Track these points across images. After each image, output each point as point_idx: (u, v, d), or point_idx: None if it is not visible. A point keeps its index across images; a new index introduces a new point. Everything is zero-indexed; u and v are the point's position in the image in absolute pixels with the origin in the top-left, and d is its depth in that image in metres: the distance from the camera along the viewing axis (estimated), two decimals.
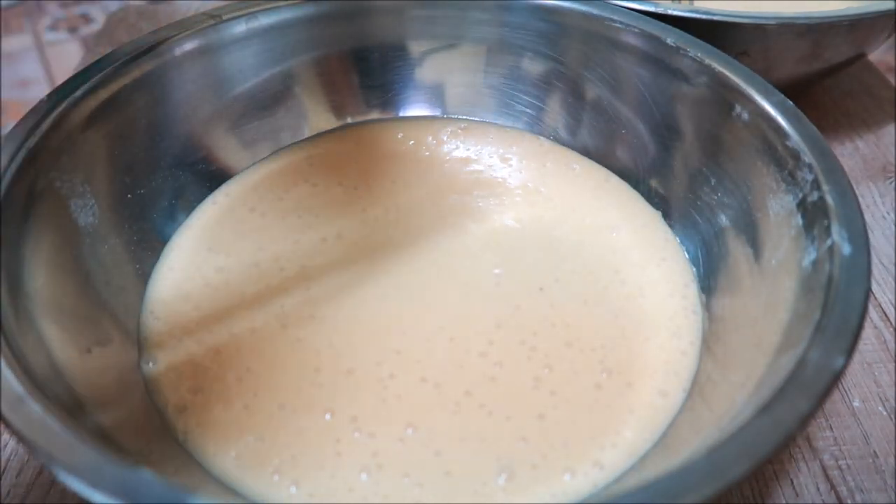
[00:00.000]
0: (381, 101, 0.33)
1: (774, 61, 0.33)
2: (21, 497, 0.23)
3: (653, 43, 0.28)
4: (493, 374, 0.24)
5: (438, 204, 0.30)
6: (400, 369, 0.24)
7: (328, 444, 0.22)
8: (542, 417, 0.23)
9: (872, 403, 0.26)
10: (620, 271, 0.27)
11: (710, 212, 0.27)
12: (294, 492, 0.21)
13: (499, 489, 0.21)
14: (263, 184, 0.30)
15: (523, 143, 0.32)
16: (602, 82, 0.30)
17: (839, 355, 0.17)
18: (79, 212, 0.24)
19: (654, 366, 0.24)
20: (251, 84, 0.30)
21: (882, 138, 0.38)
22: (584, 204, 0.30)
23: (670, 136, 0.29)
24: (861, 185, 0.35)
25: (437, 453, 0.22)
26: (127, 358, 0.24)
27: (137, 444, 0.20)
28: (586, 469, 0.21)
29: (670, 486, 0.15)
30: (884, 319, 0.29)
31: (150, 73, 0.27)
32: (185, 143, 0.29)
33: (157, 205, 0.28)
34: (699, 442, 0.19)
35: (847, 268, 0.19)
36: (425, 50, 0.32)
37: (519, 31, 0.31)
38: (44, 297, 0.21)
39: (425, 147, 0.32)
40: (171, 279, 0.27)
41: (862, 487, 0.24)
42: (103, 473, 0.15)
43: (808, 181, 0.22)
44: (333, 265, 0.27)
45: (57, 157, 0.23)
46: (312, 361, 0.24)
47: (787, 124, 0.24)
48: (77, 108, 0.24)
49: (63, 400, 0.18)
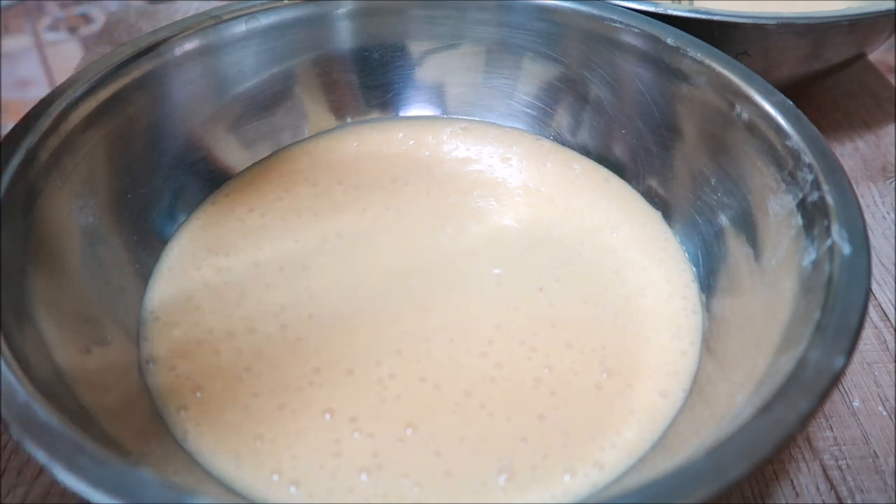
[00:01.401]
0: (381, 101, 0.33)
1: (774, 61, 0.33)
2: (21, 497, 0.23)
3: (653, 43, 0.28)
4: (493, 374, 0.24)
5: (438, 204, 0.30)
6: (400, 369, 0.24)
7: (328, 445, 0.22)
8: (542, 418, 0.23)
9: (872, 403, 0.26)
10: (620, 271, 0.27)
11: (710, 212, 0.27)
12: (294, 492, 0.21)
13: (499, 489, 0.21)
14: (263, 184, 0.30)
15: (523, 143, 0.32)
16: (602, 82, 0.30)
17: (839, 355, 0.17)
18: (79, 212, 0.24)
19: (654, 366, 0.24)
20: (251, 84, 0.30)
21: (882, 138, 0.38)
22: (585, 204, 0.30)
23: (670, 136, 0.29)
24: (861, 185, 0.35)
25: (437, 453, 0.22)
26: (127, 358, 0.24)
27: (137, 444, 0.20)
28: (586, 469, 0.21)
29: (670, 486, 0.15)
30: (884, 319, 0.29)
31: (150, 73, 0.27)
32: (185, 144, 0.29)
33: (157, 205, 0.28)
34: (699, 442, 0.19)
35: (847, 268, 0.19)
36: (425, 50, 0.32)
37: (519, 31, 0.31)
38: (44, 297, 0.21)
39: (425, 147, 0.32)
40: (171, 279, 0.27)
41: (862, 487, 0.24)
42: (103, 473, 0.15)
43: (808, 181, 0.22)
44: (333, 265, 0.27)
45: (57, 157, 0.23)
46: (312, 361, 0.24)
47: (787, 124, 0.24)
48: (77, 108, 0.24)
49: (63, 400, 0.18)
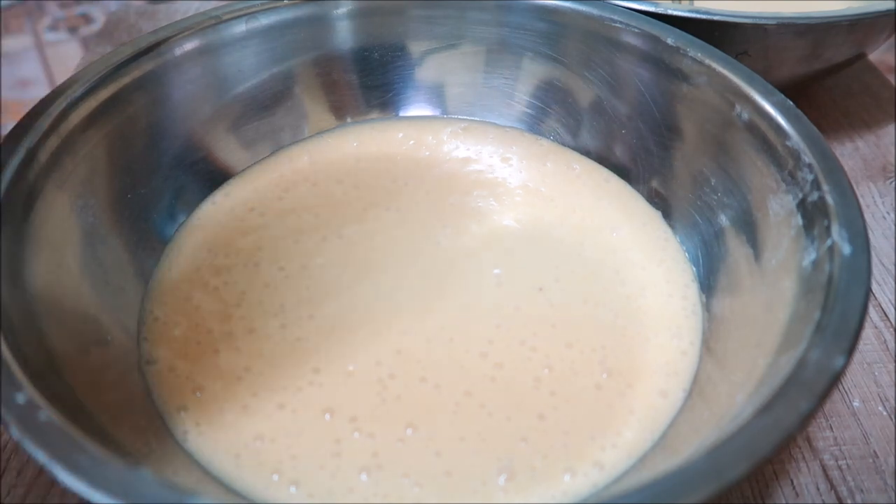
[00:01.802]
0: (381, 101, 0.33)
1: (774, 61, 0.33)
2: (21, 497, 0.23)
3: (653, 43, 0.28)
4: (493, 374, 0.24)
5: (438, 204, 0.30)
6: (400, 369, 0.24)
7: (328, 445, 0.22)
8: (542, 418, 0.23)
9: (872, 403, 0.26)
10: (621, 271, 0.27)
11: (710, 212, 0.27)
12: (294, 492, 0.21)
13: (499, 489, 0.21)
14: (263, 183, 0.30)
15: (523, 143, 0.32)
16: (602, 82, 0.30)
17: (839, 355, 0.17)
18: (79, 212, 0.24)
19: (654, 366, 0.24)
20: (251, 84, 0.30)
21: (882, 138, 0.38)
22: (585, 204, 0.30)
23: (670, 136, 0.29)
24: (861, 185, 0.35)
25: (437, 453, 0.22)
26: (127, 358, 0.24)
27: (137, 444, 0.20)
28: (586, 469, 0.21)
29: (670, 486, 0.15)
30: (884, 319, 0.29)
31: (150, 73, 0.27)
32: (185, 144, 0.29)
33: (157, 205, 0.28)
34: (699, 442, 0.19)
35: (847, 268, 0.19)
36: (425, 50, 0.32)
37: (519, 31, 0.31)
38: (44, 297, 0.21)
39: (425, 147, 0.32)
40: (171, 279, 0.27)
41: (862, 487, 0.24)
42: (103, 473, 0.15)
43: (808, 181, 0.22)
44: (333, 265, 0.27)
45: (57, 157, 0.23)
46: (312, 361, 0.24)
47: (787, 124, 0.24)
48: (77, 108, 0.24)
49: (63, 400, 0.18)
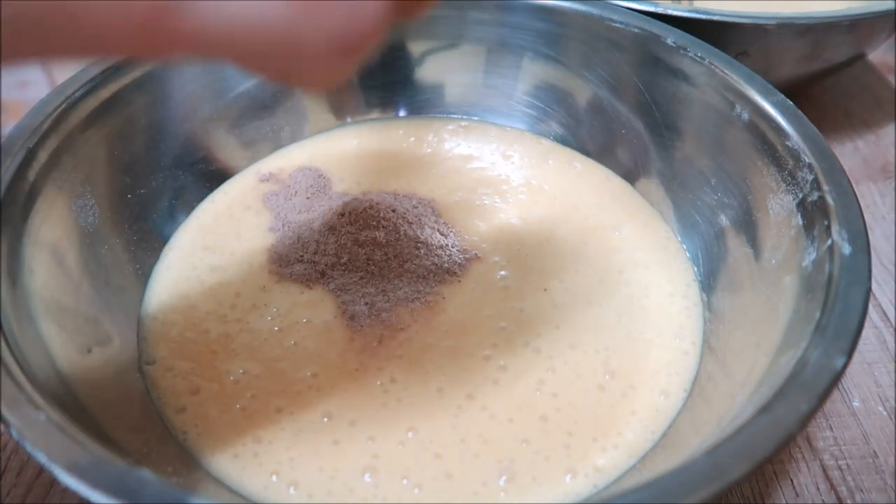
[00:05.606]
0: (381, 101, 0.33)
1: (774, 61, 0.33)
2: (21, 497, 0.23)
3: (653, 43, 0.28)
4: (496, 377, 0.24)
5: (442, 201, 0.30)
6: (401, 373, 0.24)
7: (327, 447, 0.22)
8: (544, 419, 0.22)
9: (872, 403, 0.26)
10: (625, 272, 0.27)
11: (710, 212, 0.27)
12: (293, 492, 0.21)
13: (499, 490, 0.21)
14: (263, 183, 0.30)
15: (524, 141, 0.32)
16: (602, 82, 0.30)
17: (839, 355, 0.17)
18: (79, 212, 0.24)
19: (656, 366, 0.24)
20: (251, 84, 0.30)
21: (882, 138, 0.38)
22: (587, 203, 0.30)
23: (670, 136, 0.29)
24: (861, 185, 0.35)
25: (437, 455, 0.22)
26: (127, 358, 0.24)
27: (137, 444, 0.20)
28: (587, 470, 0.21)
29: (670, 486, 0.15)
30: (884, 319, 0.29)
31: (150, 73, 0.27)
32: (184, 144, 0.29)
33: (156, 205, 0.28)
34: (700, 442, 0.19)
35: (847, 268, 0.19)
36: (425, 50, 0.32)
37: (519, 31, 0.31)
38: (44, 297, 0.21)
39: (426, 144, 0.32)
40: (169, 279, 0.26)
41: (862, 487, 0.24)
42: (103, 473, 0.15)
43: (808, 181, 0.22)
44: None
45: (57, 157, 0.23)
46: (309, 365, 0.24)
47: (787, 124, 0.24)
48: (77, 108, 0.24)
49: (63, 400, 0.18)
